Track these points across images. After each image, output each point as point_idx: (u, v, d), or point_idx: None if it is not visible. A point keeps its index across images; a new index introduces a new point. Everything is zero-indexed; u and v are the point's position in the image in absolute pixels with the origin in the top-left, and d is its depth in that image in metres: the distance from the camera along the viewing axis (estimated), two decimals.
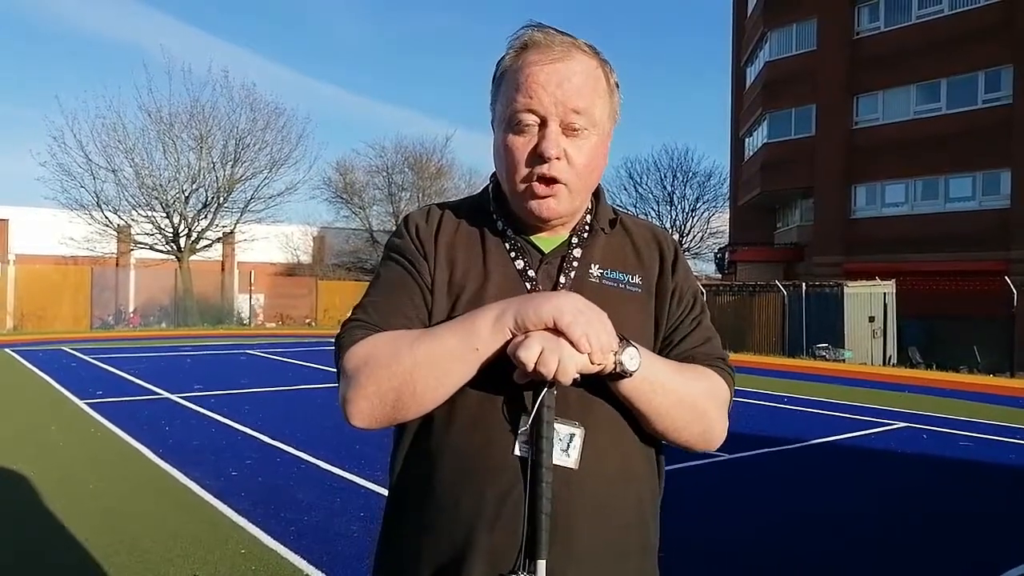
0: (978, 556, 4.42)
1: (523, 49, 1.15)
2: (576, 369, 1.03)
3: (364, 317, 1.17)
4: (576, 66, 1.13)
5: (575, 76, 1.12)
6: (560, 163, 1.12)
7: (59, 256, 27.62)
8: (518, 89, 1.12)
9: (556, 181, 1.13)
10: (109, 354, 15.88)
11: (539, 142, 1.12)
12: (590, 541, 1.10)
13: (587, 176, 1.16)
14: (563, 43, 1.14)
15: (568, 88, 1.11)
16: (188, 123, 27.55)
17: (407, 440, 1.17)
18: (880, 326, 19.11)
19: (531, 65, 1.12)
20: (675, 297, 1.24)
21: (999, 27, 21.96)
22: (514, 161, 1.14)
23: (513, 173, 1.15)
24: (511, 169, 1.15)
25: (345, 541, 4.36)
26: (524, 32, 1.16)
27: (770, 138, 28.60)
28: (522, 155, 1.13)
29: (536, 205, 1.15)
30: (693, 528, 4.78)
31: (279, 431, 7.57)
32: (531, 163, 1.13)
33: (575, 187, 1.15)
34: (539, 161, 1.12)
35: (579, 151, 1.14)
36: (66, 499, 5.10)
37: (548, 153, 1.11)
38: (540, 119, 1.12)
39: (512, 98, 1.13)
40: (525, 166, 1.13)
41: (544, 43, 1.13)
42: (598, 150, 1.17)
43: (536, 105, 1.11)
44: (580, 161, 1.14)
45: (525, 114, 1.12)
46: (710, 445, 1.21)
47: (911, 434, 8.37)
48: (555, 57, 1.12)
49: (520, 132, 1.13)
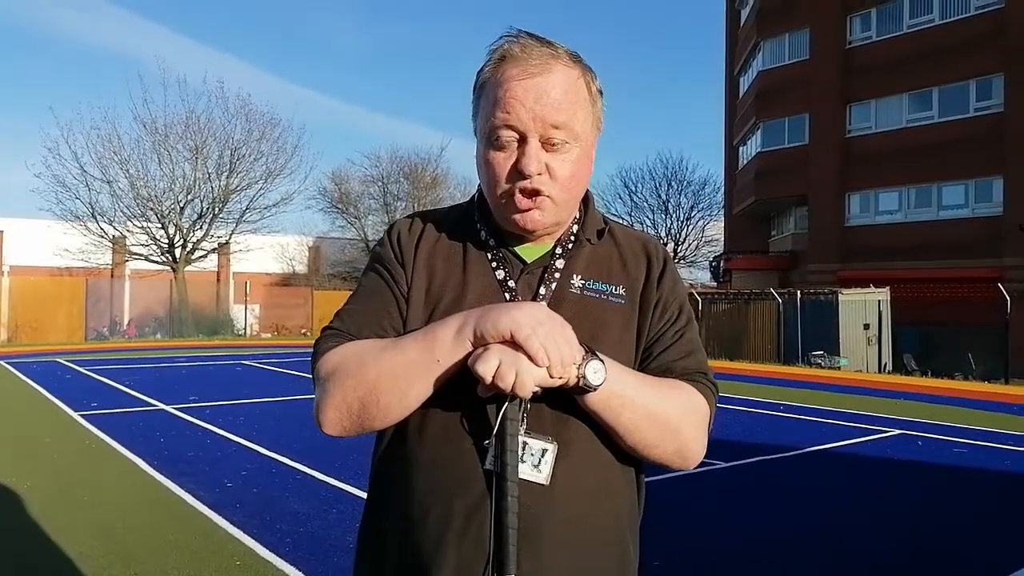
0: (973, 563, 4.42)
1: (501, 61, 1.12)
2: (535, 383, 1.01)
3: (340, 325, 1.18)
4: (555, 78, 1.10)
5: (554, 90, 1.10)
6: (542, 177, 1.11)
7: (54, 267, 27.59)
8: (496, 104, 1.10)
9: (539, 194, 1.12)
10: (104, 365, 15.83)
11: (519, 159, 1.10)
12: (563, 558, 1.08)
13: (571, 188, 1.15)
14: (541, 55, 1.11)
15: (547, 103, 1.09)
16: (183, 134, 27.60)
17: (382, 448, 1.18)
18: (875, 333, 19.14)
19: (509, 80, 1.10)
20: (658, 308, 1.21)
21: (990, 36, 22.12)
22: (495, 176, 1.13)
23: (495, 187, 1.14)
24: (492, 184, 1.14)
25: (341, 552, 4.35)
26: (502, 43, 1.13)
27: (764, 147, 28.71)
28: (503, 171, 1.12)
29: (520, 218, 1.13)
30: (687, 537, 4.78)
31: (275, 442, 7.55)
32: (512, 178, 1.12)
33: (559, 199, 1.14)
34: (520, 177, 1.11)
35: (561, 164, 1.12)
36: (60, 511, 5.08)
37: (528, 170, 1.09)
38: (519, 135, 1.10)
39: (491, 113, 1.11)
40: (506, 181, 1.12)
41: (522, 56, 1.11)
42: (581, 162, 1.15)
43: (515, 121, 1.09)
44: (563, 174, 1.12)
45: (504, 130, 1.11)
46: (686, 464, 1.17)
47: (906, 441, 8.38)
48: (533, 71, 1.10)
49: (500, 148, 1.12)
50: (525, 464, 1.07)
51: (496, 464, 1.06)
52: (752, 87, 29.77)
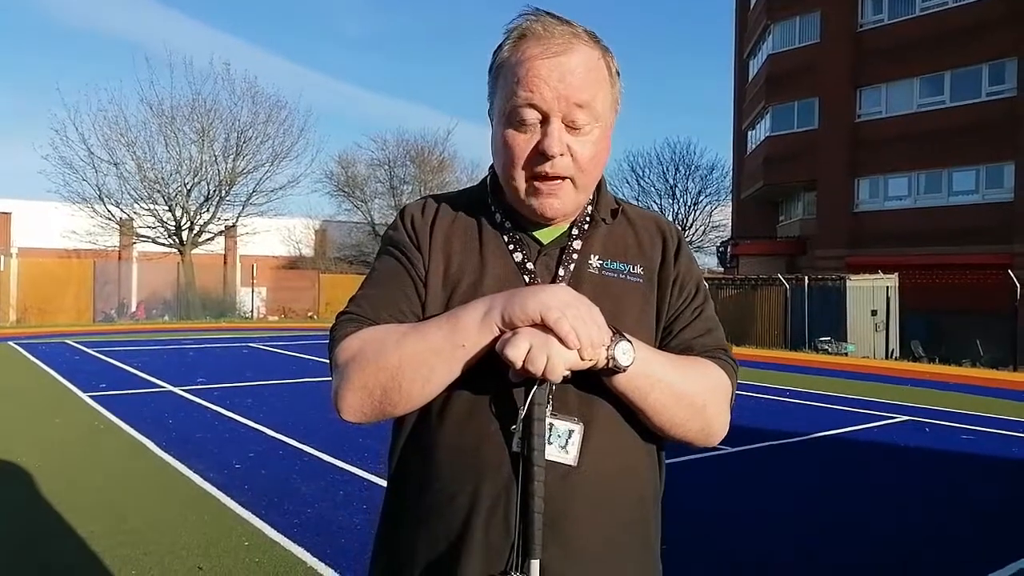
0: (981, 549, 4.42)
1: (521, 39, 1.10)
2: (566, 366, 1.00)
3: (357, 310, 1.15)
4: (578, 58, 1.09)
5: (578, 69, 1.08)
6: (564, 159, 1.09)
7: (62, 249, 27.67)
8: (519, 83, 1.08)
9: (560, 178, 1.10)
10: (112, 347, 15.91)
11: (542, 139, 1.08)
12: (589, 538, 1.08)
13: (591, 171, 1.13)
14: (563, 33, 1.09)
15: (571, 82, 1.07)
16: (190, 116, 27.53)
17: (405, 434, 1.16)
18: (883, 320, 19.08)
19: (532, 59, 1.08)
20: (676, 286, 1.21)
21: (1003, 19, 21.84)
22: (515, 158, 1.11)
23: (513, 170, 1.11)
24: (511, 166, 1.12)
25: (348, 534, 4.37)
26: (522, 21, 1.11)
27: (773, 131, 28.51)
28: (523, 152, 1.10)
29: (539, 204, 1.12)
30: (694, 521, 4.79)
31: (282, 424, 7.58)
32: (533, 161, 1.10)
33: (580, 182, 1.12)
34: (541, 159, 1.09)
35: (583, 146, 1.10)
36: (70, 492, 5.12)
37: (551, 151, 1.08)
38: (542, 115, 1.08)
39: (512, 92, 1.09)
40: (527, 164, 1.10)
41: (544, 34, 1.09)
42: (601, 143, 1.13)
43: (538, 100, 1.07)
44: (584, 156, 1.11)
45: (526, 109, 1.08)
46: (710, 441, 1.17)
47: (913, 427, 8.37)
48: (556, 50, 1.08)
49: (521, 129, 1.09)
50: (552, 446, 1.07)
51: (523, 448, 1.05)
52: (762, 71, 29.52)
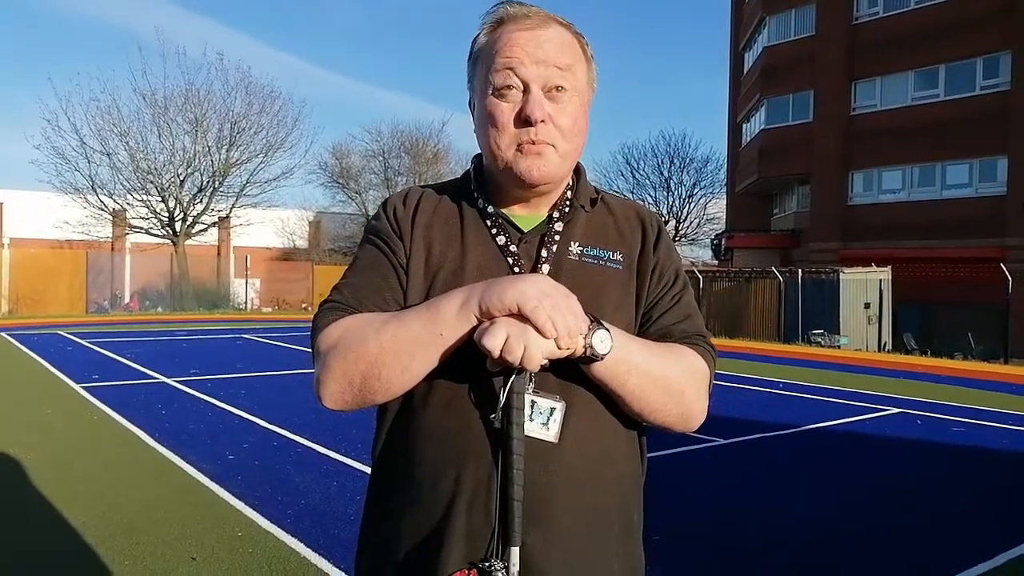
0: (972, 540, 4.45)
1: (498, 23, 1.15)
2: (543, 355, 1.01)
3: (339, 299, 1.17)
4: (554, 31, 1.14)
5: (554, 39, 1.14)
6: (546, 126, 1.12)
7: (54, 240, 27.56)
8: (498, 54, 1.12)
9: (544, 143, 1.13)
10: (105, 338, 15.87)
11: (523, 106, 1.11)
12: (570, 523, 1.09)
13: (573, 138, 1.16)
14: (538, 14, 1.15)
15: (549, 50, 1.12)
16: (183, 106, 27.40)
17: (388, 422, 1.17)
18: (876, 312, 19.16)
19: (510, 33, 1.13)
20: (655, 273, 1.23)
21: (997, 13, 21.87)
22: (499, 125, 1.13)
23: (498, 139, 1.14)
24: (496, 134, 1.14)
25: (341, 524, 4.38)
26: (498, 8, 1.16)
27: (768, 124, 28.51)
28: (508, 119, 1.12)
29: (526, 165, 1.13)
30: (687, 512, 4.81)
31: (276, 415, 7.58)
32: (516, 127, 1.12)
33: (563, 150, 1.15)
34: (524, 125, 1.12)
35: (562, 113, 1.13)
36: (63, 483, 5.11)
37: (534, 115, 1.10)
38: (523, 83, 1.12)
39: (492, 64, 1.13)
40: (511, 130, 1.13)
41: (520, 14, 1.14)
42: (579, 113, 1.17)
43: (517, 65, 1.11)
44: (565, 123, 1.13)
45: (506, 74, 1.12)
46: (689, 426, 1.19)
47: (905, 420, 8.42)
48: (532, 24, 1.13)
49: (503, 97, 1.13)
50: (534, 423, 1.08)
51: (503, 435, 1.06)
52: (757, 63, 29.50)
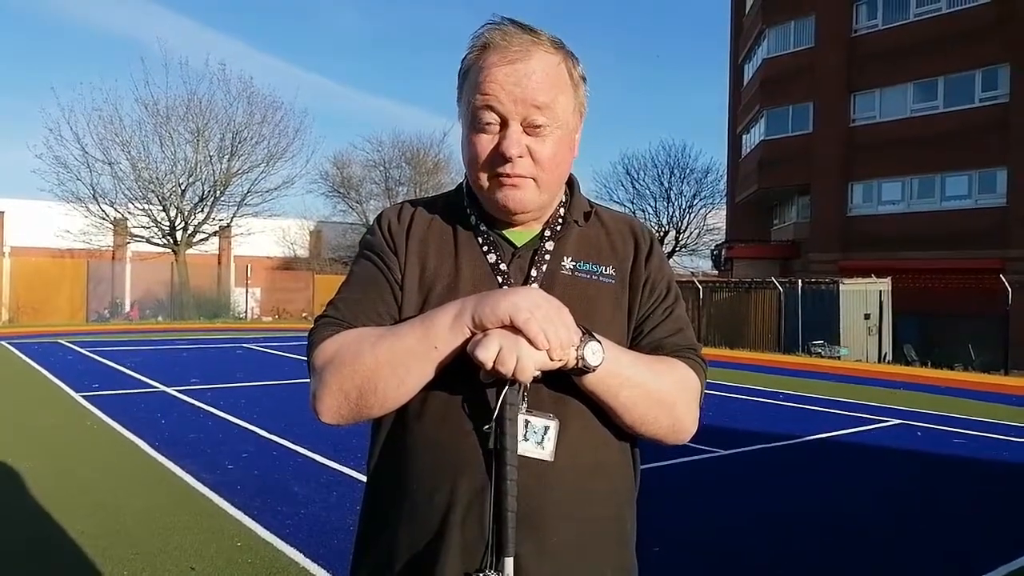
0: (971, 552, 4.44)
1: (483, 49, 1.15)
2: (535, 367, 1.02)
3: (334, 314, 1.18)
4: (534, 64, 1.13)
5: (535, 74, 1.12)
6: (524, 161, 1.13)
7: (55, 249, 27.57)
8: (478, 89, 1.13)
9: (520, 177, 1.14)
10: (105, 347, 15.86)
11: (500, 142, 1.12)
12: (564, 534, 1.10)
13: (553, 170, 1.16)
14: (522, 42, 1.13)
15: (528, 85, 1.11)
16: (185, 116, 27.45)
17: (383, 434, 1.18)
18: (876, 323, 19.15)
19: (490, 67, 1.12)
20: (647, 287, 1.24)
21: (996, 25, 21.96)
22: (478, 160, 1.15)
23: (478, 171, 1.16)
24: (476, 167, 1.16)
25: (341, 535, 4.37)
26: (484, 31, 1.16)
27: (768, 135, 28.58)
28: (485, 153, 1.14)
29: (502, 196, 1.15)
30: (688, 523, 4.80)
31: (275, 425, 7.57)
32: (495, 162, 1.13)
33: (542, 181, 1.15)
34: (502, 160, 1.13)
35: (543, 146, 1.14)
36: (62, 492, 5.10)
37: (509, 153, 1.11)
38: (501, 119, 1.12)
39: (472, 98, 1.14)
40: (488, 165, 1.14)
41: (502, 44, 1.13)
42: (562, 144, 1.17)
43: (494, 103, 1.11)
44: (544, 155, 1.14)
45: (485, 112, 1.12)
46: (680, 438, 1.20)
47: (905, 431, 8.40)
48: (513, 57, 1.12)
49: (482, 131, 1.14)
50: (528, 442, 1.09)
51: (496, 447, 1.07)
52: (756, 75, 29.61)
